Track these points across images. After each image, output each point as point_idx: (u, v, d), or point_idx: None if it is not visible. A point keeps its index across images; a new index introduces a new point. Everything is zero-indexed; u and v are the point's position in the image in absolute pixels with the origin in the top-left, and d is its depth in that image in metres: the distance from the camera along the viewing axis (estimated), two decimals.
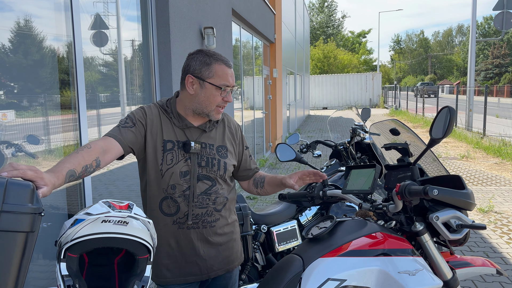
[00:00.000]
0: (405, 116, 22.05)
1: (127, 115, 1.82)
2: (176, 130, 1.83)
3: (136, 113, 1.83)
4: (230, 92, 1.83)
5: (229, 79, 1.80)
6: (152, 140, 1.80)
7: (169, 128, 1.83)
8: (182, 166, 1.80)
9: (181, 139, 1.82)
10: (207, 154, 1.85)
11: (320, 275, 1.55)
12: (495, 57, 60.18)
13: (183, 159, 1.80)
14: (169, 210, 1.82)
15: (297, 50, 18.45)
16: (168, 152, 1.80)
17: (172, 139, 1.82)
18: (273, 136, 11.89)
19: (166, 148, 1.80)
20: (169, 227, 1.83)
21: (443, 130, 1.62)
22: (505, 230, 5.20)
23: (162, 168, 1.79)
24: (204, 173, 1.83)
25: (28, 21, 2.56)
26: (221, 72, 1.78)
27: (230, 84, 1.80)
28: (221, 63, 1.80)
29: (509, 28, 14.23)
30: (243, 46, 8.48)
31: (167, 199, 1.81)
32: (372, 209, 1.84)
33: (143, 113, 1.83)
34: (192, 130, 1.85)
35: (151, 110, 1.85)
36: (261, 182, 2.07)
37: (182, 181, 1.80)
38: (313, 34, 57.88)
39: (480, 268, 1.93)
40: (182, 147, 1.80)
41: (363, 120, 4.18)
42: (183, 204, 1.81)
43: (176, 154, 1.80)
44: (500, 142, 11.16)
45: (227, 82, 1.79)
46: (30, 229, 1.07)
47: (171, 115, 1.85)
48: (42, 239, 2.59)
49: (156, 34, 4.05)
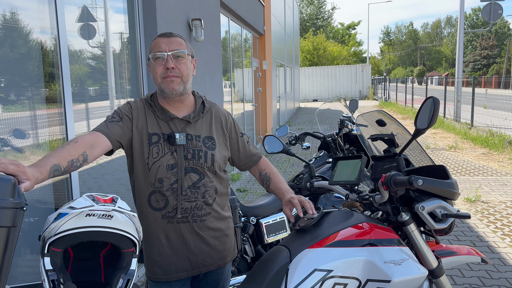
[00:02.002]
0: (394, 108, 22.17)
1: (114, 110, 1.82)
2: (160, 123, 1.82)
3: (122, 108, 1.83)
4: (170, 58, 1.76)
5: (161, 46, 1.77)
6: (138, 134, 1.79)
7: (153, 121, 1.82)
8: (168, 159, 1.78)
9: (165, 131, 1.81)
10: (193, 146, 1.82)
11: (307, 266, 1.56)
12: (483, 48, 60.68)
13: (169, 152, 1.79)
14: (158, 204, 1.80)
15: (286, 42, 18.41)
16: (153, 145, 1.79)
17: (157, 131, 1.81)
18: (263, 129, 11.89)
19: (152, 141, 1.79)
20: (159, 221, 1.82)
21: (428, 120, 1.63)
22: (491, 220, 5.28)
23: (149, 162, 1.78)
24: (191, 166, 1.81)
25: (14, 13, 2.52)
26: (155, 43, 1.79)
27: (162, 50, 1.76)
28: (157, 36, 1.81)
29: (497, 19, 14.34)
30: (232, 38, 8.44)
31: (155, 193, 1.80)
32: (359, 200, 1.85)
33: (129, 108, 1.83)
34: (176, 122, 1.83)
35: (137, 104, 1.86)
36: (267, 182, 2.03)
37: (170, 174, 1.78)
38: (303, 26, 57.74)
39: (465, 256, 1.96)
40: (167, 139, 1.79)
41: (351, 111, 4.19)
42: (171, 197, 1.79)
43: (162, 147, 1.79)
44: (488, 132, 11.28)
45: (159, 48, 1.77)
46: (12, 223, 1.06)
47: (155, 108, 1.84)
48: (29, 234, 2.57)
49: (143, 26, 4.01)
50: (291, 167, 8.65)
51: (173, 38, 1.79)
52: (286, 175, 7.99)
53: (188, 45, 1.85)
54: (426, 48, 78.30)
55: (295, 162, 9.09)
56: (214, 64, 6.00)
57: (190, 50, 1.85)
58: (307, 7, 60.84)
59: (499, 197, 6.20)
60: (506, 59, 51.79)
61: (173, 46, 1.77)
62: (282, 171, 8.34)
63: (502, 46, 60.80)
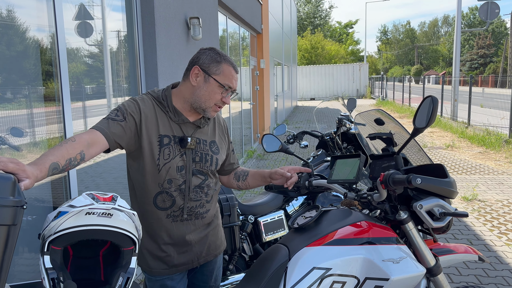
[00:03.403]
0: (391, 107, 22.20)
1: (118, 107, 1.76)
2: (172, 125, 1.82)
3: (128, 106, 1.76)
4: (230, 95, 1.85)
5: (233, 82, 1.82)
6: (147, 135, 1.77)
7: (165, 122, 1.81)
8: (178, 161, 1.80)
9: (177, 134, 1.82)
10: (201, 150, 1.87)
11: (305, 264, 1.57)
12: (480, 47, 60.82)
13: (179, 154, 1.81)
14: (164, 204, 1.82)
15: (284, 40, 18.41)
16: (165, 147, 1.79)
17: (168, 133, 1.80)
18: (261, 127, 11.89)
19: (163, 143, 1.78)
20: (163, 220, 1.84)
21: (426, 119, 1.64)
22: (488, 218, 5.30)
23: (159, 163, 1.77)
24: (198, 168, 1.86)
25: (11, 11, 2.51)
26: (228, 72, 1.80)
27: (233, 87, 1.83)
28: (230, 65, 1.82)
29: (494, 19, 14.37)
30: (230, 36, 8.43)
31: (162, 193, 1.81)
32: (357, 198, 1.86)
33: (135, 106, 1.77)
34: (188, 126, 1.85)
35: (145, 102, 1.80)
36: (244, 175, 2.11)
37: (178, 175, 1.81)
38: (300, 24, 57.72)
39: (463, 255, 1.97)
40: (179, 142, 1.80)
41: (349, 110, 4.20)
42: (178, 198, 1.82)
43: (173, 149, 1.80)
44: (484, 131, 11.32)
45: (231, 83, 1.81)
46: (12, 222, 1.05)
47: (167, 108, 1.82)
48: (28, 232, 2.57)
49: (141, 25, 4.00)
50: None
51: (237, 76, 1.85)
52: None
53: None
54: (423, 47, 78.44)
55: (293, 161, 9.09)
56: None
57: None
58: (304, 6, 60.78)
59: (496, 195, 6.22)
60: (503, 58, 51.93)
61: (237, 85, 1.85)
62: None
63: (499, 45, 60.94)
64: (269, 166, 8.71)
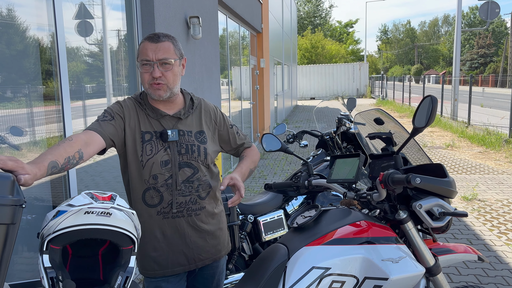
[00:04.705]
0: (391, 106, 22.20)
1: (104, 110, 1.83)
2: (151, 121, 1.85)
3: (113, 107, 1.84)
4: (157, 66, 1.75)
5: (148, 54, 1.75)
6: (131, 133, 1.81)
7: (145, 119, 1.85)
8: (162, 156, 1.81)
9: (157, 129, 1.84)
10: (185, 141, 1.85)
11: (305, 263, 1.56)
12: (480, 47, 60.80)
13: (162, 149, 1.81)
14: (152, 201, 1.83)
15: (284, 40, 18.40)
16: (147, 143, 1.81)
17: (149, 130, 1.83)
18: (261, 127, 11.89)
19: (145, 139, 1.81)
20: (154, 218, 1.84)
21: (425, 119, 1.64)
22: (488, 218, 5.30)
23: (143, 159, 1.80)
24: (185, 161, 1.84)
25: (11, 10, 2.51)
26: (142, 48, 1.78)
27: (149, 58, 1.74)
28: (145, 40, 1.79)
29: (494, 18, 14.37)
30: (230, 36, 8.43)
31: (149, 190, 1.82)
32: (357, 198, 1.86)
33: (119, 107, 1.84)
34: (168, 119, 1.86)
35: (127, 103, 1.87)
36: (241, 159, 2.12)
37: (164, 170, 1.81)
38: (301, 24, 57.68)
39: (462, 254, 1.97)
40: (160, 136, 1.81)
41: (348, 110, 4.20)
42: (166, 193, 1.82)
43: (155, 144, 1.81)
44: (484, 131, 11.32)
45: (146, 56, 1.75)
46: (11, 221, 1.05)
47: (145, 106, 1.86)
48: (27, 231, 2.57)
49: (140, 24, 4.00)
50: (288, 165, 8.66)
51: (160, 44, 1.76)
52: (284, 173, 8.00)
53: (176, 47, 1.82)
54: (424, 46, 78.41)
55: (293, 160, 9.09)
56: (211, 62, 6.00)
57: (178, 53, 1.83)
58: (304, 5, 60.74)
59: (496, 195, 6.22)
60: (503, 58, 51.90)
61: (160, 54, 1.75)
62: (280, 169, 8.36)
63: (499, 45, 60.92)
64: (269, 166, 8.71)
